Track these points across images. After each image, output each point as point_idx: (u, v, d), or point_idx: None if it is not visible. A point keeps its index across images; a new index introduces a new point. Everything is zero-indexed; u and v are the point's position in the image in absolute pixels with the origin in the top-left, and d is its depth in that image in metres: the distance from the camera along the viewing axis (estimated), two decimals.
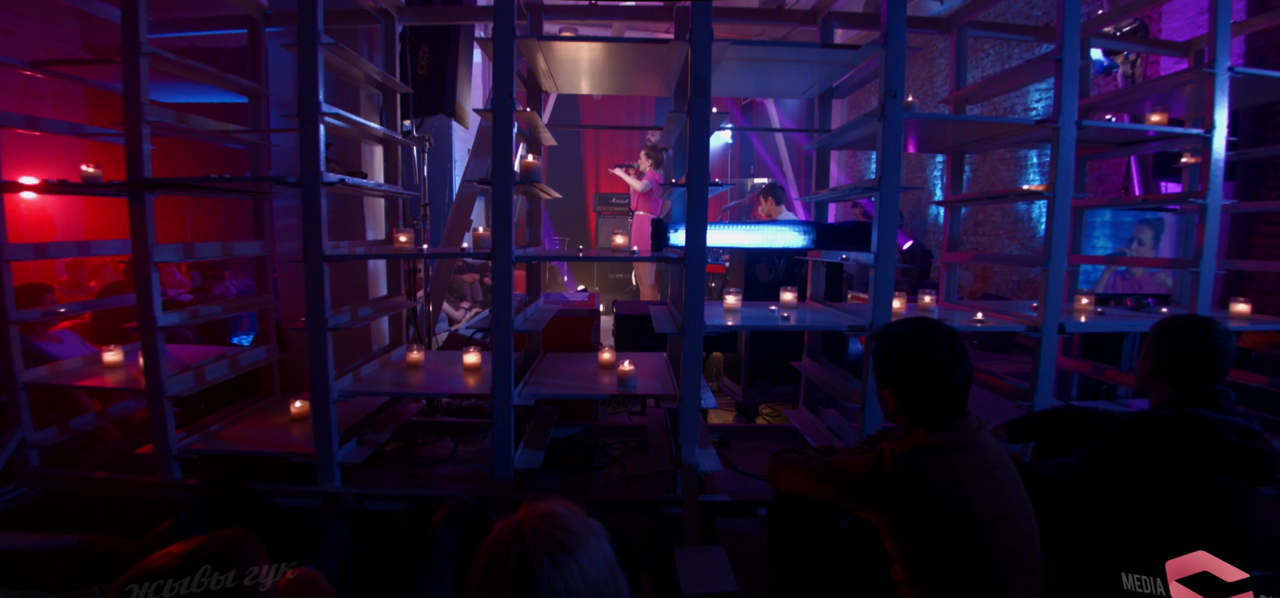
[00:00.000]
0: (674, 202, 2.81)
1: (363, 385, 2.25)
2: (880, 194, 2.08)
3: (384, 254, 2.19)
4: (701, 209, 2.06)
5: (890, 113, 2.03)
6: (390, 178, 2.71)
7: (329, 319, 2.07)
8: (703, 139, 2.02)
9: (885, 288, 2.13)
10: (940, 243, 6.51)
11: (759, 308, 2.67)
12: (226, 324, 3.32)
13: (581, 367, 2.68)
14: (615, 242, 2.57)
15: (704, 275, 2.11)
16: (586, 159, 9.15)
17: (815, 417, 2.92)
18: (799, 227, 2.67)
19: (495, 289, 2.11)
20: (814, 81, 2.56)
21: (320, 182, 2.00)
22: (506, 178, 2.06)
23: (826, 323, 2.30)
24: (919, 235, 6.70)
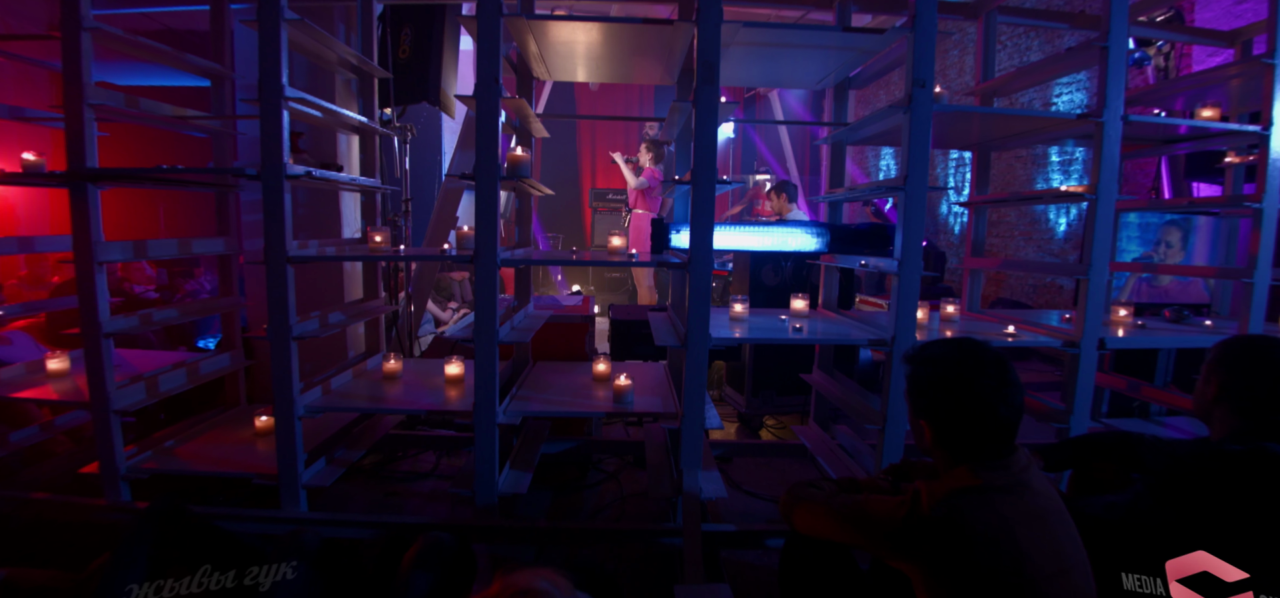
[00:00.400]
0: (676, 200, 2.65)
1: (332, 399, 2.09)
2: (905, 194, 1.92)
3: (356, 256, 2.02)
4: (708, 209, 1.90)
5: (918, 104, 1.87)
6: (367, 171, 2.54)
7: (293, 327, 1.90)
8: (710, 131, 1.86)
9: (909, 298, 1.98)
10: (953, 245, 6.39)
11: (768, 317, 2.51)
12: (193, 326, 3.15)
13: (574, 379, 2.52)
14: (612, 243, 2.41)
15: (710, 283, 1.95)
16: (582, 152, 8.97)
17: (826, 434, 2.77)
18: (812, 229, 2.51)
19: (478, 295, 1.95)
20: (830, 70, 2.40)
21: (283, 174, 1.84)
22: (491, 173, 1.90)
23: (843, 336, 2.15)
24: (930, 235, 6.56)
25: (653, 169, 4.88)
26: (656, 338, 2.13)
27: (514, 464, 2.23)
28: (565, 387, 2.39)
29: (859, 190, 2.23)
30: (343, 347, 2.76)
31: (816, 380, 2.72)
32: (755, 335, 2.09)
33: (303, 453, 1.96)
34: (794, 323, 2.32)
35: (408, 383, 2.33)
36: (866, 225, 2.55)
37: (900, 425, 2.05)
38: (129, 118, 2.03)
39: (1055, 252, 5.17)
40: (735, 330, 2.26)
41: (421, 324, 4.15)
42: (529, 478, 2.15)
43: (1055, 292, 5.16)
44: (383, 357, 2.38)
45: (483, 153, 1.91)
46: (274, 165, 1.83)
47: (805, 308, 2.56)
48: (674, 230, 2.49)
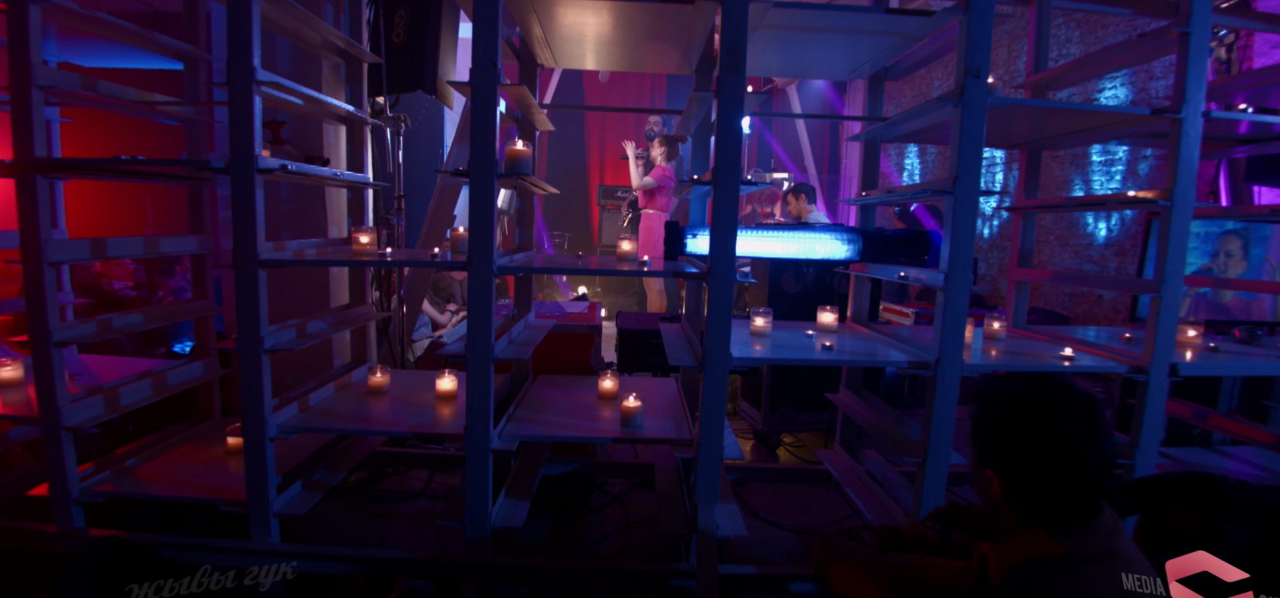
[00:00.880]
0: (692, 201, 2.47)
1: (309, 418, 1.93)
2: (955, 198, 1.74)
3: (335, 260, 1.86)
4: (731, 212, 1.72)
5: (971, 96, 1.69)
6: (355, 165, 2.38)
7: (265, 338, 1.74)
8: (733, 124, 1.68)
9: (957, 315, 1.79)
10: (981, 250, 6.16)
11: (792, 331, 2.33)
12: (168, 330, 3.01)
13: (578, 396, 2.35)
14: (622, 248, 2.23)
15: (732, 295, 1.77)
16: (590, 146, 8.80)
17: (854, 460, 2.58)
18: (842, 234, 2.33)
19: (472, 306, 1.78)
20: (865, 59, 2.21)
21: (255, 167, 1.68)
22: (488, 168, 1.73)
23: (878, 356, 1.96)
24: None
25: (664, 167, 4.70)
26: (671, 356, 1.95)
27: (510, 491, 2.06)
28: (568, 406, 2.22)
29: (898, 193, 2.04)
30: (328, 355, 2.60)
31: (844, 402, 2.53)
32: (781, 355, 1.90)
33: (275, 477, 1.80)
34: (822, 339, 2.14)
35: (395, 399, 2.17)
36: (904, 232, 2.36)
37: (943, 460, 1.86)
38: (86, 102, 1.89)
39: (1094, 258, 4.94)
40: (756, 347, 2.08)
41: (417, 327, 4.00)
42: (526, 508, 1.98)
43: (1093, 302, 4.93)
44: (369, 368, 2.22)
45: (478, 146, 1.74)
46: (244, 157, 1.67)
47: (833, 321, 2.38)
48: (690, 234, 2.31)
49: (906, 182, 7.14)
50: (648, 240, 4.66)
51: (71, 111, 2.28)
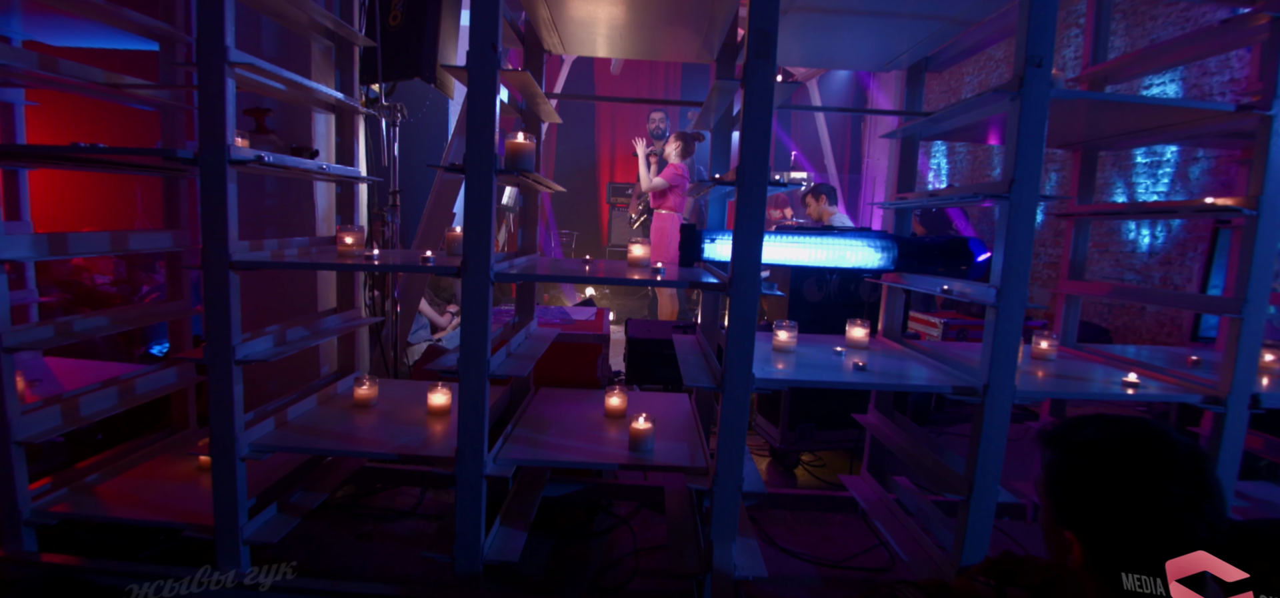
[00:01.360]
0: (711, 203, 2.31)
1: (286, 435, 1.79)
2: (1011, 203, 1.57)
3: (316, 263, 1.73)
4: (756, 215, 1.57)
5: (1032, 89, 1.52)
6: (345, 157, 2.25)
7: (237, 347, 1.61)
8: (763, 116, 1.53)
9: (1010, 336, 1.62)
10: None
11: (819, 347, 2.17)
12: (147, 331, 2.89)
13: (583, 412, 2.20)
14: (632, 252, 2.09)
15: (756, 309, 1.62)
16: (600, 141, 8.66)
17: (883, 488, 2.41)
18: (875, 241, 2.16)
19: (466, 316, 1.64)
20: (905, 47, 2.05)
21: (226, 158, 1.55)
22: (485, 163, 1.59)
23: (917, 379, 1.80)
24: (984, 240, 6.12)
25: (677, 165, 4.54)
26: (685, 374, 1.80)
27: (506, 518, 1.92)
28: (571, 425, 2.07)
29: (941, 196, 1.87)
30: (314, 362, 2.48)
31: (873, 424, 2.37)
32: (809, 376, 1.74)
33: (246, 501, 1.67)
34: (853, 358, 1.97)
35: (383, 413, 2.03)
36: (943, 239, 2.19)
37: (990, 497, 1.69)
38: (45, 83, 1.76)
39: (1136, 268, 4.73)
40: (780, 366, 1.92)
41: (415, 330, 3.87)
42: (523, 538, 1.84)
43: (1133, 314, 4.72)
44: (355, 379, 2.08)
45: (475, 138, 1.60)
46: (215, 147, 1.54)
47: (864, 336, 2.21)
48: (707, 238, 2.16)
49: (931, 182, 6.94)
50: (660, 242, 4.51)
51: (40, 95, 2.16)
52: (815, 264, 2.19)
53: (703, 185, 2.12)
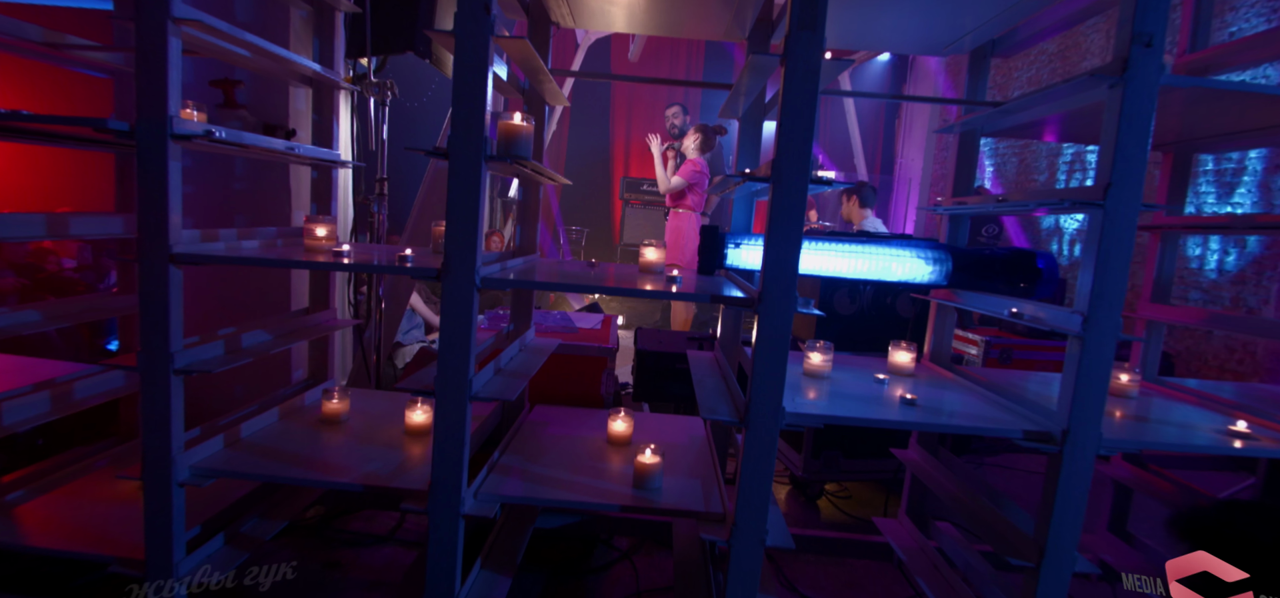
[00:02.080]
0: (736, 203, 2.09)
1: (236, 457, 1.60)
2: (1106, 212, 1.33)
3: (275, 259, 1.53)
4: (794, 218, 1.35)
5: (1139, 72, 1.28)
6: (321, 137, 2.06)
7: (176, 354, 1.42)
8: (806, 98, 1.31)
9: (1098, 373, 1.39)
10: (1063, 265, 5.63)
11: (857, 372, 1.94)
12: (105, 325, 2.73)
13: (582, 436, 1.99)
14: (645, 256, 1.87)
15: (789, 331, 1.40)
16: (615, 131, 8.45)
17: (921, 535, 2.18)
18: (926, 252, 1.93)
19: (445, 327, 1.43)
20: (970, 27, 1.81)
21: (168, 132, 1.36)
22: (472, 146, 1.39)
23: (976, 417, 1.56)
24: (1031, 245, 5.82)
25: (696, 160, 4.32)
26: (701, 401, 1.58)
27: (488, 561, 1.72)
28: (569, 451, 1.86)
29: (1012, 203, 1.63)
30: (286, 367, 2.29)
31: (914, 461, 2.13)
32: (849, 412, 1.51)
33: (183, 533, 1.48)
34: (899, 389, 1.75)
35: (353, 431, 1.84)
36: (1004, 251, 1.95)
37: (1066, 564, 1.46)
38: None
39: (1203, 287, 4.42)
40: (811, 393, 1.70)
41: (407, 330, 3.69)
42: (507, 585, 1.64)
43: (1199, 339, 4.41)
44: (324, 391, 1.89)
45: (461, 116, 1.40)
46: (154, 118, 1.35)
47: (909, 362, 1.98)
48: (731, 243, 1.94)
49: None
50: (676, 244, 4.29)
51: None
52: (856, 276, 1.96)
53: (728, 182, 1.90)
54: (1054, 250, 5.95)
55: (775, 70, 1.57)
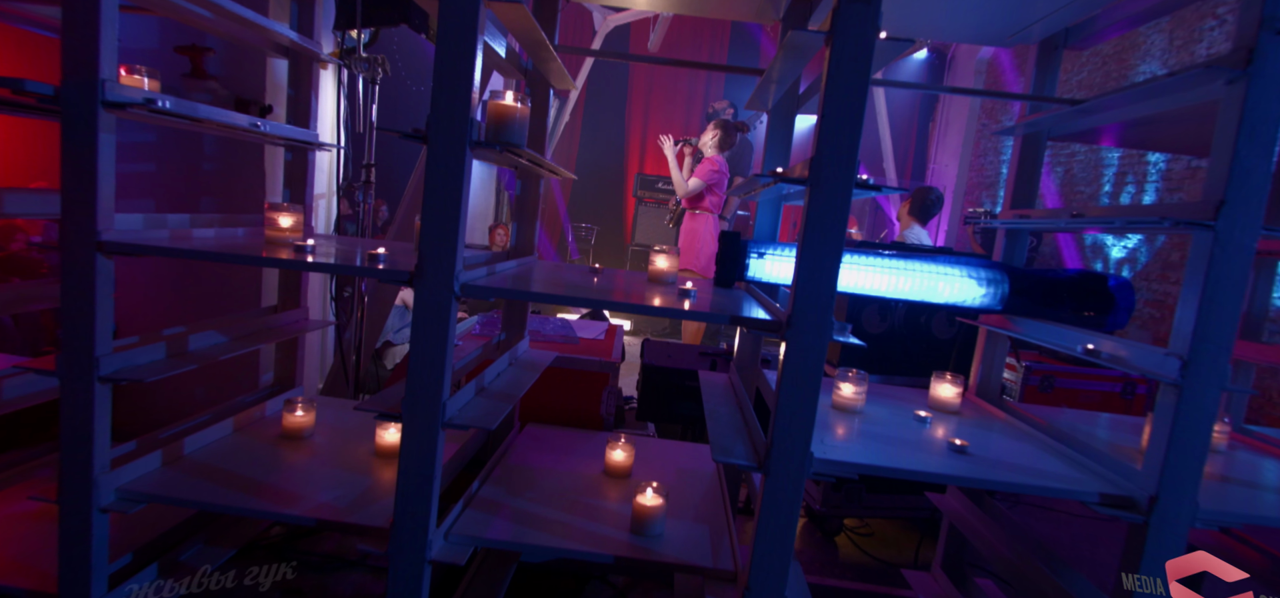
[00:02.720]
0: (760, 207, 1.90)
1: (174, 479, 1.43)
2: (1216, 233, 1.12)
3: (222, 253, 1.35)
4: (835, 228, 1.15)
5: (1270, 64, 1.07)
6: (297, 115, 1.89)
7: (101, 359, 1.25)
8: (856, 84, 1.11)
9: (1197, 429, 1.17)
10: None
11: (895, 407, 1.74)
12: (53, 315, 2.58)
13: (577, 465, 1.80)
14: (656, 264, 1.69)
15: (822, 362, 1.20)
16: (631, 124, 8.26)
17: (958, 592, 1.96)
18: (979, 271, 1.72)
19: (417, 342, 1.25)
20: (1041, 13, 1.60)
21: (98, 99, 1.19)
22: (455, 128, 1.21)
23: (1037, 472, 1.35)
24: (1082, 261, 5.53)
25: (715, 158, 4.11)
26: (713, 436, 1.38)
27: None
28: (560, 482, 1.68)
29: (1090, 220, 1.41)
30: (253, 369, 2.12)
31: (955, 511, 1.92)
32: (889, 461, 1.31)
33: (105, 565, 1.31)
34: (942, 427, 1.54)
35: (317, 449, 1.66)
36: (1070, 274, 1.74)
37: None
38: None
39: (1272, 316, 4.15)
40: (840, 430, 1.50)
41: (398, 329, 3.53)
42: None
43: (1265, 377, 4.14)
44: (288, 401, 1.72)
45: (444, 93, 1.22)
46: (82, 82, 1.18)
47: (955, 397, 1.77)
48: (753, 252, 1.75)
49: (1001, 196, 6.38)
50: (690, 247, 4.09)
51: None
52: (894, 295, 1.76)
53: (752, 184, 1.70)
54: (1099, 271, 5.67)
55: (815, 54, 1.37)
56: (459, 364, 1.62)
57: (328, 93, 2.56)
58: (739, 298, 1.63)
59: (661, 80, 8.15)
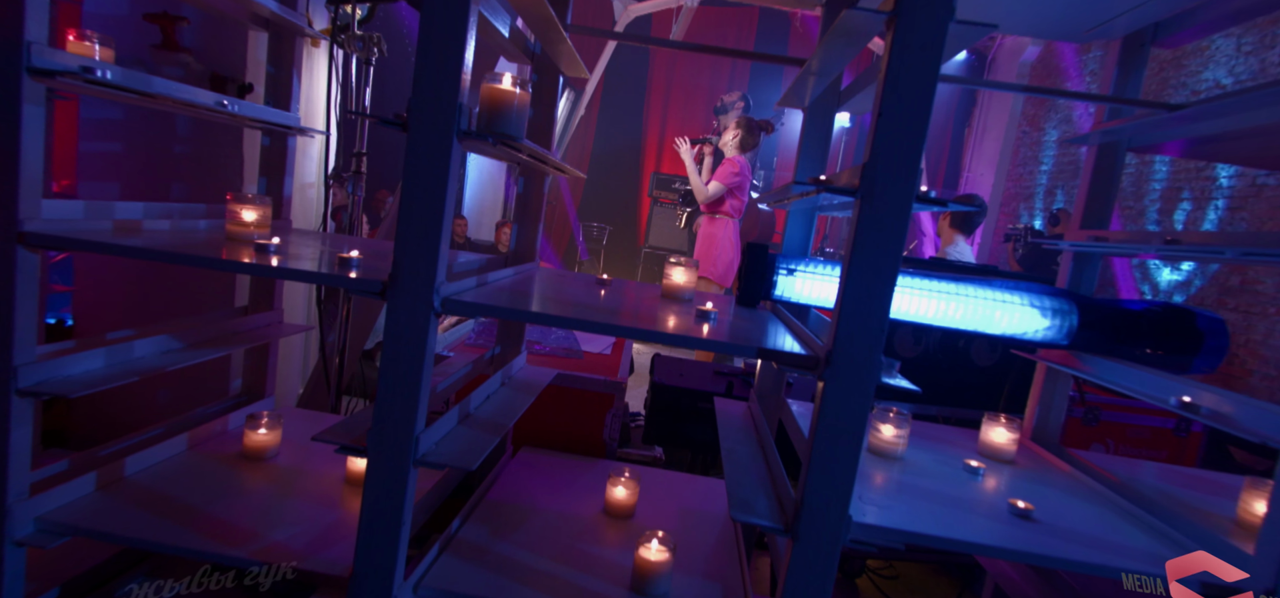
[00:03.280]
0: (790, 217, 1.72)
1: (106, 507, 1.27)
2: None
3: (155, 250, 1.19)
4: (889, 249, 0.97)
5: None
6: (276, 96, 1.73)
7: (20, 370, 1.10)
8: (924, 77, 0.93)
9: None
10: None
11: (939, 454, 1.55)
12: None
13: (573, 502, 1.64)
14: (670, 278, 1.51)
15: (868, 410, 1.02)
16: (649, 121, 8.10)
17: None
18: (1043, 300, 1.53)
19: (387, 366, 1.09)
20: (1128, 3, 1.41)
21: (21, 66, 1.04)
22: (441, 115, 1.05)
23: (1134, 554, 1.16)
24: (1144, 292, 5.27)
25: (736, 159, 3.93)
26: (734, 494, 1.20)
27: None
28: (553, 525, 1.51)
29: (1197, 249, 1.21)
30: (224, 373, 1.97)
31: (1002, 572, 1.72)
32: (939, 527, 1.12)
33: None
34: (999, 483, 1.35)
35: (279, 472, 1.51)
36: (1152, 305, 1.54)
37: None
38: None
39: None
40: (878, 479, 1.32)
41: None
42: None
43: None
44: (251, 416, 1.56)
45: (427, 73, 1.05)
46: (1, 44, 1.03)
47: (1008, 443, 1.58)
48: (783, 269, 1.57)
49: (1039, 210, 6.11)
50: (708, 253, 3.91)
51: None
52: (941, 323, 1.57)
53: (785, 193, 1.52)
54: None
55: (865, 42, 1.19)
56: (443, 385, 1.46)
57: (319, 74, 2.41)
58: (765, 321, 1.45)
59: (682, 77, 7.98)
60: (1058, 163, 5.90)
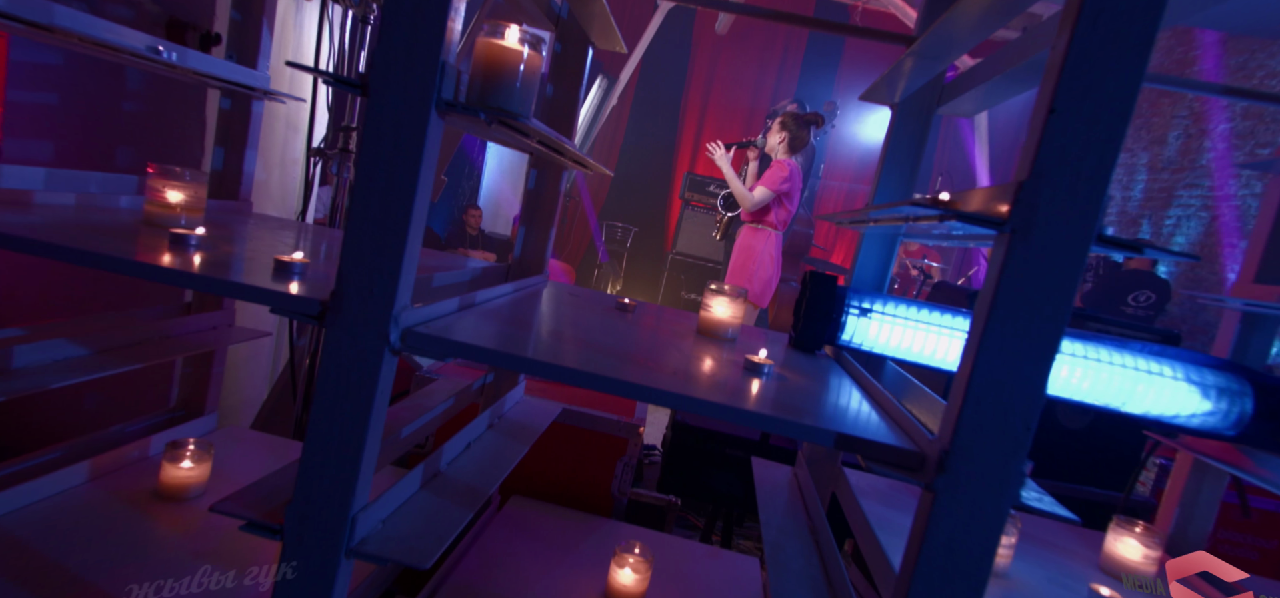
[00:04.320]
0: (864, 242, 1.43)
1: None
2: None
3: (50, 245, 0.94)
4: (1051, 307, 0.68)
5: None
6: (240, 51, 1.49)
7: None
8: (1129, 62, 0.64)
9: None
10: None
11: (1047, 565, 1.25)
12: None
13: (569, 577, 1.36)
14: (712, 313, 1.24)
15: (998, 539, 0.73)
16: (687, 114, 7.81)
17: None
18: (1206, 376, 1.22)
19: (318, 418, 0.82)
20: None
21: None
22: (414, 79, 0.79)
23: None
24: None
25: (785, 163, 3.63)
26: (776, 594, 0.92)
27: None
28: None
29: None
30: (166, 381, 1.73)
31: None
32: None
33: None
34: None
35: (198, 523, 1.25)
36: None
37: None
38: None
39: None
40: None
41: None
42: None
43: None
44: (172, 444, 1.31)
45: (398, 21, 0.79)
46: None
47: (1144, 561, 1.26)
48: (854, 307, 1.28)
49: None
50: (744, 267, 3.62)
51: None
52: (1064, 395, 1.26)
53: (862, 214, 1.23)
54: None
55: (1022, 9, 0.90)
56: (412, 428, 1.19)
57: (307, 31, 2.18)
58: (831, 377, 1.16)
59: (724, 72, 7.70)
60: (1149, 189, 5.48)
